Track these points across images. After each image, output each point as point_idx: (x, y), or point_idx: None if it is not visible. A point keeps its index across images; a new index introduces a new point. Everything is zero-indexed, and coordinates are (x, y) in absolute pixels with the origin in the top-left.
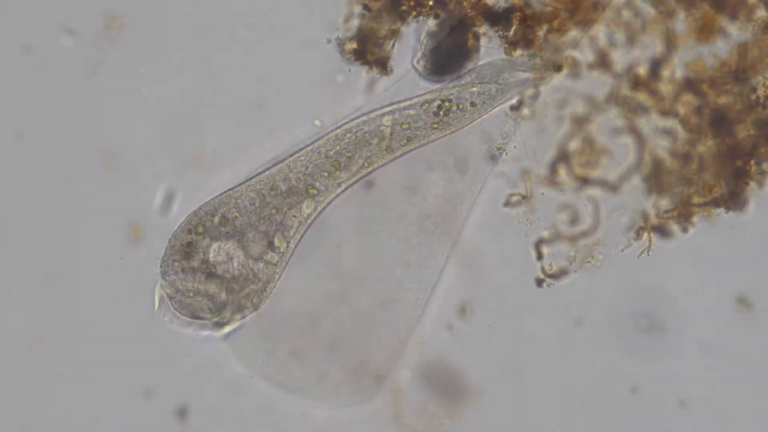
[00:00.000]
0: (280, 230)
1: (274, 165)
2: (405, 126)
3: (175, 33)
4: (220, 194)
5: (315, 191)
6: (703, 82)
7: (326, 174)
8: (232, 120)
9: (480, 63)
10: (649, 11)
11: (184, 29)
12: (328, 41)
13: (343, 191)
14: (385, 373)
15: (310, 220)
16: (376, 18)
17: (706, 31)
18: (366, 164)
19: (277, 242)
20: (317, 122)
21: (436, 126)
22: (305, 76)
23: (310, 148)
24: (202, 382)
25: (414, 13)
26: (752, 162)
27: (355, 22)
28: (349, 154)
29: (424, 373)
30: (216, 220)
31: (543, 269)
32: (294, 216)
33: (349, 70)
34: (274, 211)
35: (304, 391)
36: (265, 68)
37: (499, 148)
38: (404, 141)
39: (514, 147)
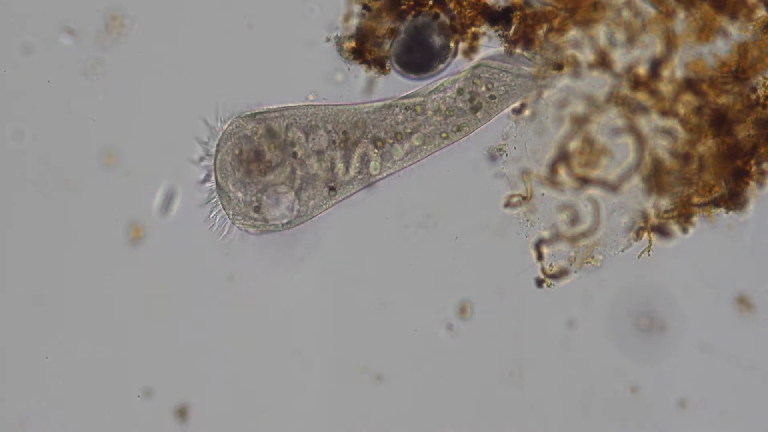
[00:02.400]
0: (345, 161)
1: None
2: (450, 113)
3: (174, 33)
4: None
5: (381, 143)
6: (703, 82)
7: (390, 141)
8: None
9: (473, 60)
10: (649, 11)
11: (183, 29)
12: (327, 40)
13: (398, 171)
14: None
15: (364, 179)
16: (376, 17)
17: (706, 31)
18: (426, 142)
19: (340, 165)
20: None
21: (476, 115)
22: (305, 75)
23: (379, 104)
24: (201, 382)
25: (413, 12)
26: (752, 162)
27: (355, 21)
28: (409, 131)
29: None
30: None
31: (543, 269)
32: (359, 159)
33: (348, 69)
34: (342, 145)
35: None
36: (264, 67)
37: (500, 149)
38: (455, 128)
39: (515, 148)
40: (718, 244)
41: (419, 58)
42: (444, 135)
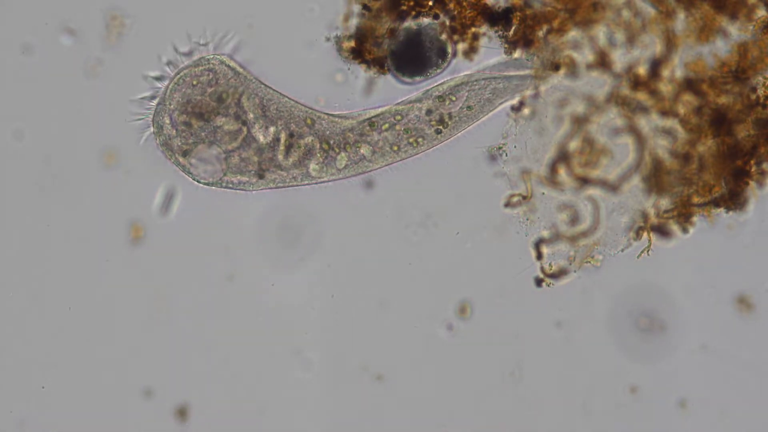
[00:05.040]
0: (291, 139)
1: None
2: (408, 132)
3: (174, 32)
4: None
5: (327, 146)
6: (703, 82)
7: (337, 149)
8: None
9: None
10: (649, 11)
11: (183, 29)
12: (327, 40)
13: (338, 180)
14: None
15: (301, 176)
16: (376, 17)
17: (706, 31)
18: (372, 156)
19: (283, 139)
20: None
21: (439, 132)
22: (305, 75)
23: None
24: (201, 381)
25: (414, 12)
26: (752, 162)
27: (354, 21)
28: (360, 145)
29: None
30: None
31: (543, 269)
32: (302, 152)
33: (348, 69)
34: (287, 143)
35: None
36: (264, 67)
37: (500, 148)
38: (413, 142)
39: (515, 147)
40: (718, 244)
41: (410, 63)
42: (395, 148)
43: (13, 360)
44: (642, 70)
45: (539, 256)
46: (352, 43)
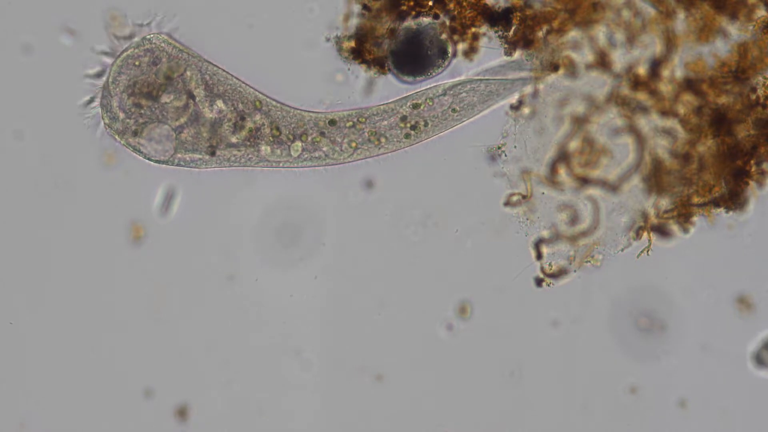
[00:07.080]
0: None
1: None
2: (372, 134)
3: (173, 33)
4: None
5: (278, 133)
6: (703, 82)
7: (291, 137)
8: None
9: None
10: (649, 11)
11: (183, 29)
12: (327, 40)
13: (297, 167)
14: None
15: (251, 156)
16: (376, 17)
17: (706, 31)
18: (332, 151)
19: (232, 119)
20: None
21: (408, 136)
22: (305, 76)
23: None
24: (201, 381)
25: (414, 12)
26: (752, 162)
27: (354, 21)
28: (318, 139)
29: None
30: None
31: (542, 269)
32: (250, 132)
33: (348, 69)
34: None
35: None
36: (264, 67)
37: (499, 148)
38: (375, 140)
39: (515, 147)
40: (718, 244)
41: (411, 63)
42: (354, 145)
43: (13, 360)
44: (642, 70)
45: (539, 256)
46: (352, 43)
